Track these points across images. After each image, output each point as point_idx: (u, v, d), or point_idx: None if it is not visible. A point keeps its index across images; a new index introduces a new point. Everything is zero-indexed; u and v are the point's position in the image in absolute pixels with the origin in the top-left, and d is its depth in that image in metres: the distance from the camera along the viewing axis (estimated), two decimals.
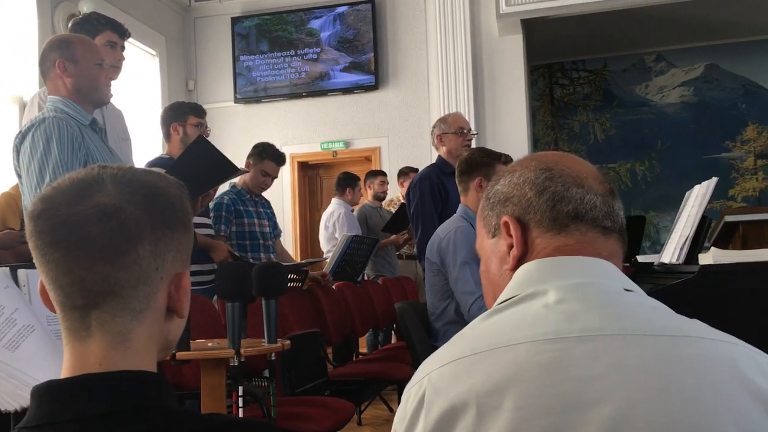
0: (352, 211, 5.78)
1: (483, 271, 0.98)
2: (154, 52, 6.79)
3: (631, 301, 0.82)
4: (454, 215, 2.76)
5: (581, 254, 0.86)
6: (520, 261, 0.89)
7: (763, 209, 5.94)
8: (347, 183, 5.77)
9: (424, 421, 0.77)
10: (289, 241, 7.01)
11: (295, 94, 7.12)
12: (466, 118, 3.74)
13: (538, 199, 0.88)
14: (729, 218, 4.94)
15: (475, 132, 3.63)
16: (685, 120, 7.89)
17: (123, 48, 2.97)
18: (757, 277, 2.17)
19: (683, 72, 7.95)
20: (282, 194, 7.09)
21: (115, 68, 2.86)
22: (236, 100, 7.21)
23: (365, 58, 6.93)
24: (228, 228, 3.63)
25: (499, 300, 0.87)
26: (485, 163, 2.70)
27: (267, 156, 3.76)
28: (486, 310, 0.89)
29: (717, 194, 2.77)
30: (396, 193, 6.31)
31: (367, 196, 6.03)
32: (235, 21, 7.24)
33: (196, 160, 2.66)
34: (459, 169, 2.74)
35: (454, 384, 0.77)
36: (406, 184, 6.06)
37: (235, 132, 7.01)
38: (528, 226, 0.89)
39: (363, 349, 5.42)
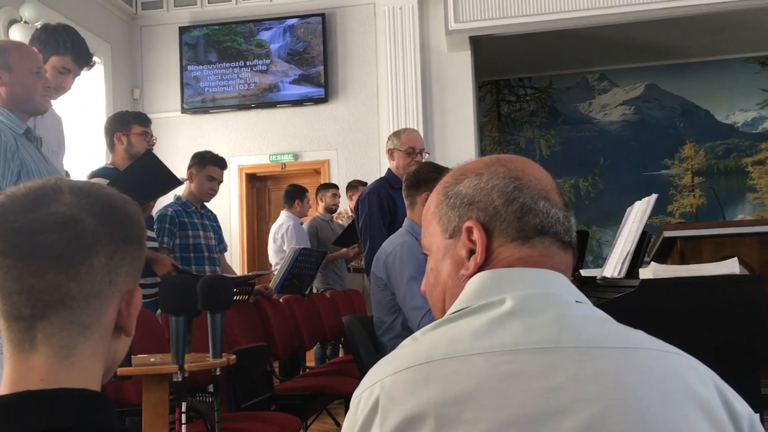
0: (301, 223, 5.75)
1: (432, 270, 0.95)
2: (98, 60, 6.60)
3: (583, 314, 0.82)
4: (400, 230, 2.76)
5: (542, 266, 0.86)
6: (480, 268, 0.88)
7: (700, 225, 6.17)
8: (295, 195, 5.74)
9: (380, 430, 0.74)
10: (236, 253, 6.93)
11: (243, 105, 7.06)
12: (419, 135, 3.68)
13: (506, 208, 0.87)
14: (668, 234, 5.11)
15: (427, 153, 3.60)
16: (626, 138, 8.11)
17: (76, 76, 2.84)
18: (694, 291, 2.24)
19: (625, 91, 8.19)
20: (229, 206, 7.01)
21: (58, 90, 2.75)
22: (183, 110, 7.11)
23: (315, 70, 6.93)
24: (171, 240, 3.56)
25: (454, 308, 0.86)
26: (433, 178, 2.70)
27: (209, 161, 3.72)
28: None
29: (656, 210, 2.85)
30: (345, 206, 6.31)
31: (318, 209, 6.01)
32: (183, 30, 7.14)
33: (140, 173, 2.62)
34: (406, 183, 2.75)
35: (410, 393, 0.75)
36: (355, 198, 6.07)
37: (182, 142, 6.90)
38: (492, 234, 0.88)
39: (310, 363, 5.38)
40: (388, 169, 3.60)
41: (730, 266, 2.37)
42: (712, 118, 7.98)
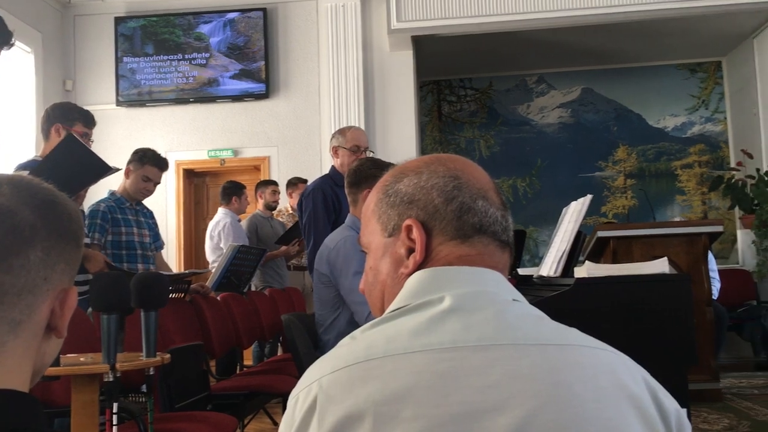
0: (239, 220, 5.68)
1: (371, 268, 0.95)
2: (29, 50, 6.40)
3: (520, 312, 0.83)
4: (341, 226, 2.75)
5: (480, 265, 0.87)
6: (419, 266, 0.88)
7: (632, 226, 6.37)
8: (233, 191, 5.67)
9: (317, 429, 0.74)
10: (173, 250, 6.79)
11: (181, 99, 6.91)
12: (364, 134, 3.67)
13: (445, 207, 0.88)
14: (601, 234, 5.26)
15: (371, 151, 3.60)
16: (563, 140, 8.30)
17: None
18: (626, 290, 2.31)
19: (562, 94, 8.37)
20: (166, 202, 6.86)
21: None
22: (118, 103, 6.91)
23: (256, 66, 6.84)
24: (103, 237, 3.46)
25: (393, 306, 0.86)
26: (374, 174, 2.69)
27: (148, 161, 3.62)
28: None
29: (590, 211, 2.92)
30: (285, 203, 6.25)
31: (257, 206, 5.94)
32: (118, 21, 6.95)
33: (63, 159, 2.52)
34: (348, 179, 2.74)
35: (348, 391, 0.74)
36: (295, 195, 6.04)
37: (117, 136, 6.72)
38: (431, 233, 0.88)
39: (248, 362, 5.31)
40: (332, 166, 3.59)
41: (660, 266, 2.44)
42: (644, 122, 8.24)
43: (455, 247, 0.87)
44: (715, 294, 5.71)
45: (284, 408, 0.81)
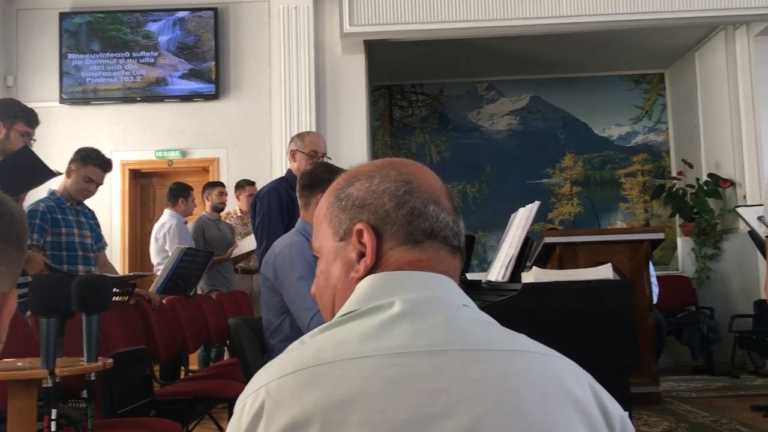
0: (186, 222, 5.59)
1: (322, 272, 0.94)
2: None
3: (470, 317, 0.83)
4: (291, 230, 2.73)
5: (431, 270, 0.87)
6: (370, 271, 0.88)
7: (577, 232, 6.49)
8: (180, 193, 5.57)
9: None
10: (118, 252, 6.63)
11: (128, 98, 6.77)
12: (322, 139, 3.65)
13: (396, 211, 0.87)
14: (548, 240, 5.35)
15: (329, 158, 3.58)
16: (511, 147, 8.42)
17: None
18: (572, 295, 2.35)
19: (511, 102, 8.50)
20: (111, 203, 6.70)
21: None
22: (62, 101, 6.73)
23: (206, 66, 6.75)
24: (42, 237, 3.35)
25: (343, 311, 0.85)
26: (328, 179, 2.66)
27: (91, 161, 3.52)
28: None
29: (538, 217, 2.97)
30: (234, 206, 6.18)
31: (205, 208, 5.86)
32: (63, 16, 6.77)
33: (14, 169, 2.45)
34: (301, 183, 2.71)
35: (296, 397, 0.73)
36: (243, 198, 5.98)
37: (60, 134, 6.53)
38: (382, 237, 0.88)
39: (194, 367, 5.23)
40: (289, 169, 3.58)
41: (605, 272, 2.50)
42: (590, 131, 8.43)
43: (406, 252, 0.87)
44: (655, 299, 5.87)
45: (230, 413, 0.80)
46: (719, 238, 7.12)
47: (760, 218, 2.09)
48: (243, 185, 6.00)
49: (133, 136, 6.80)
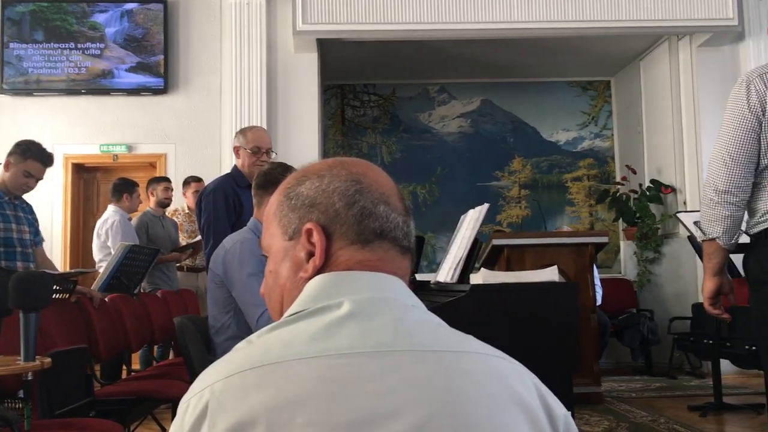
0: (130, 219, 5.47)
1: (271, 271, 0.94)
2: None
3: (418, 318, 0.83)
4: (243, 228, 2.70)
5: (381, 270, 0.86)
6: (319, 271, 0.87)
7: (525, 235, 6.59)
8: (124, 189, 5.45)
9: None
10: (59, 248, 6.45)
11: (73, 90, 6.58)
12: (266, 134, 3.57)
13: (346, 211, 0.87)
14: (496, 242, 5.41)
15: (274, 152, 3.52)
16: (462, 149, 8.50)
17: None
18: (519, 296, 2.39)
19: (462, 104, 8.58)
20: (52, 198, 6.51)
21: None
22: (2, 91, 6.50)
23: (154, 59, 6.62)
24: None
25: (291, 310, 0.85)
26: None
27: (31, 155, 3.40)
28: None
29: (486, 219, 3.00)
30: (181, 203, 6.07)
31: (149, 204, 5.74)
32: (5, 4, 6.54)
33: None
34: (256, 182, 2.68)
35: (241, 398, 0.73)
36: (189, 194, 5.88)
37: (0, 125, 6.32)
38: (332, 237, 0.87)
39: (137, 366, 5.12)
40: (234, 165, 3.48)
41: (551, 274, 2.54)
42: (538, 135, 8.57)
43: (355, 252, 0.86)
44: (598, 301, 6.01)
45: (174, 414, 0.79)
46: (660, 242, 7.33)
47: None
48: (189, 181, 5.91)
49: (77, 129, 6.62)
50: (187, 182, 5.92)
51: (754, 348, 4.52)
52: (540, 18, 6.33)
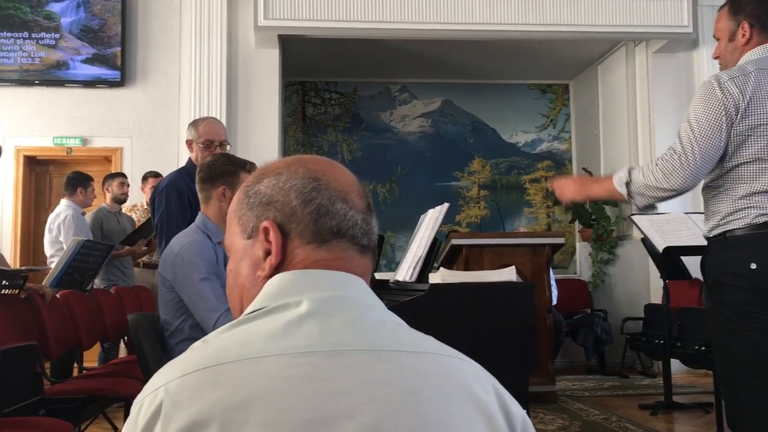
0: (83, 213, 5.35)
1: (231, 270, 0.93)
2: None
3: (378, 317, 0.83)
4: (190, 226, 2.60)
5: (339, 269, 0.86)
6: (276, 269, 0.87)
7: (483, 235, 6.65)
8: (78, 183, 5.33)
9: None
10: (9, 243, 6.28)
11: (25, 80, 6.41)
12: (219, 125, 3.45)
13: (302, 209, 0.86)
14: (455, 242, 5.45)
15: (229, 144, 3.40)
16: (422, 149, 8.54)
17: None
18: (477, 296, 2.40)
19: (423, 104, 8.61)
20: (2, 191, 6.34)
21: None
22: None
23: (111, 51, 6.48)
24: None
25: (249, 309, 0.84)
26: (230, 171, 2.57)
27: None
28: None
29: (446, 219, 3.02)
30: (140, 198, 5.96)
31: (105, 199, 5.63)
32: None
33: None
34: (200, 175, 2.58)
35: (196, 396, 0.72)
36: (147, 190, 5.78)
37: None
38: (289, 235, 0.87)
39: (89, 364, 5.01)
40: (189, 159, 3.35)
41: (508, 274, 2.56)
42: (498, 136, 8.65)
43: (312, 251, 0.86)
44: (554, 301, 6.10)
45: (127, 413, 0.77)
46: (614, 244, 7.48)
47: (629, 173, 2.19)
48: (147, 177, 5.81)
49: (30, 121, 6.45)
50: (144, 177, 5.83)
51: (703, 348, 4.64)
52: (501, 21, 6.39)
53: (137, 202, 5.93)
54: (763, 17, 2.19)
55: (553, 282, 6.03)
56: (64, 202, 5.29)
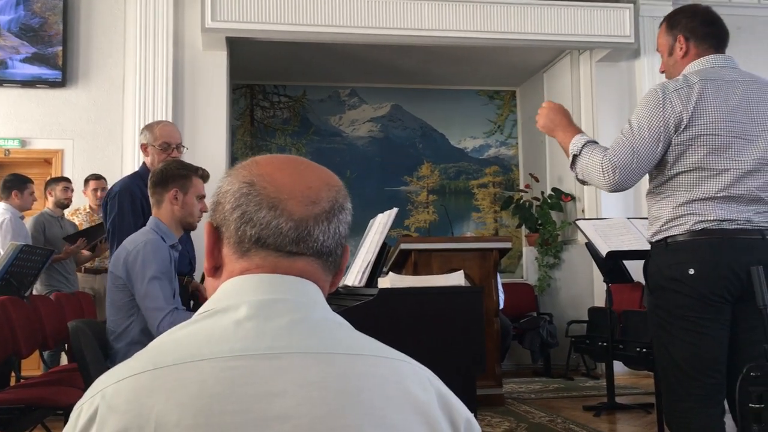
0: (22, 217, 5.18)
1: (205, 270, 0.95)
2: None
3: (318, 320, 0.83)
4: (144, 228, 2.61)
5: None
6: (216, 272, 0.88)
7: (432, 239, 6.68)
8: (13, 185, 5.17)
9: None
10: None
11: None
12: (175, 129, 3.38)
13: (231, 214, 0.86)
14: (404, 246, 5.46)
15: (185, 147, 3.37)
16: (372, 153, 8.55)
17: None
18: (426, 300, 2.41)
19: (373, 109, 8.63)
20: None
21: None
22: None
23: (52, 51, 6.30)
24: None
25: (198, 312, 0.85)
26: (183, 174, 2.63)
27: None
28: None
29: (395, 223, 3.03)
30: (83, 202, 5.79)
31: (47, 204, 5.47)
32: None
33: None
34: (153, 179, 2.62)
35: (131, 402, 0.72)
36: (89, 193, 5.65)
37: None
38: (222, 240, 0.88)
39: (27, 372, 4.86)
40: (143, 163, 3.31)
41: (457, 278, 2.59)
42: (446, 141, 8.73)
43: (236, 262, 0.86)
44: (501, 305, 6.18)
45: (66, 422, 0.76)
46: (560, 248, 7.62)
47: (583, 149, 2.28)
48: (89, 179, 5.67)
49: None
50: (86, 180, 5.68)
51: (644, 350, 4.76)
52: (449, 27, 6.46)
53: (79, 205, 5.77)
54: (697, 29, 2.27)
55: (500, 286, 6.11)
56: (1, 206, 5.12)
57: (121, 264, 2.48)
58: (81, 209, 5.77)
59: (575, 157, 2.27)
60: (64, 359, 5.26)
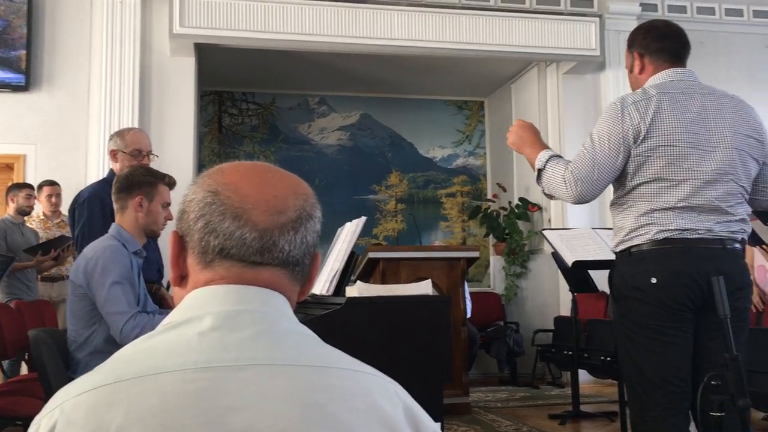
0: None
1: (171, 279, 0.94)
2: None
3: (283, 331, 0.82)
4: (104, 236, 2.57)
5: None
6: (182, 281, 0.86)
7: (400, 248, 6.69)
8: None
9: None
10: None
11: None
12: (145, 136, 3.37)
13: (195, 224, 0.85)
14: (372, 255, 5.47)
15: (155, 155, 3.35)
16: (340, 162, 8.54)
17: None
18: (393, 310, 2.41)
19: (342, 117, 8.63)
20: None
21: None
22: None
23: (15, 54, 6.18)
24: None
25: (163, 322, 0.83)
26: (149, 181, 2.60)
27: None
28: (139, 330, 0.83)
29: (363, 232, 3.03)
30: (36, 208, 5.65)
31: (8, 210, 5.35)
32: None
33: None
34: (117, 185, 2.58)
35: (91, 416, 0.70)
36: (42, 199, 5.53)
37: None
38: (186, 249, 0.86)
39: None
40: (111, 170, 3.27)
41: (425, 287, 2.59)
42: (415, 151, 8.77)
43: (200, 272, 0.85)
44: (468, 314, 6.20)
45: None
46: (526, 258, 7.69)
47: (548, 162, 2.34)
48: (42, 185, 5.55)
49: None
50: (39, 186, 5.55)
51: (609, 359, 4.82)
52: (418, 37, 6.49)
53: (34, 213, 5.63)
54: (650, 45, 2.33)
55: (467, 295, 6.13)
56: None
57: (81, 272, 2.43)
58: (35, 216, 5.63)
59: (540, 171, 2.30)
60: (24, 369, 5.14)
